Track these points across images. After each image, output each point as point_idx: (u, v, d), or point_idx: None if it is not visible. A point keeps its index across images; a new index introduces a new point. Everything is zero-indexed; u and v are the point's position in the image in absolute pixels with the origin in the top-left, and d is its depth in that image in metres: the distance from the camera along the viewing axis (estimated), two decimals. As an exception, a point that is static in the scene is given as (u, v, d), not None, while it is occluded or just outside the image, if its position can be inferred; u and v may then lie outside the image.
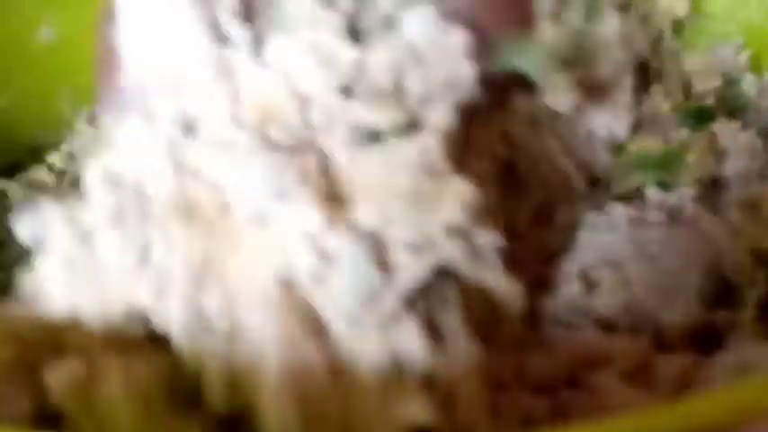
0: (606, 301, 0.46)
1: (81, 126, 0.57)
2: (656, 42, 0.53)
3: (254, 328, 0.35)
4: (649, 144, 0.49)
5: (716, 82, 0.52)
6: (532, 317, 0.44)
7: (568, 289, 0.46)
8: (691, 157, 0.49)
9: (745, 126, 0.51)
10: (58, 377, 0.37)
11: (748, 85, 0.52)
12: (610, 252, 0.46)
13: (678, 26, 0.54)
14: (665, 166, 0.49)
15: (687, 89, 0.52)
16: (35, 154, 0.56)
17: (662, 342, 0.45)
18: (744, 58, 0.52)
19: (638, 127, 0.50)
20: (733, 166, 0.49)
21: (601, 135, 0.49)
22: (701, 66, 0.52)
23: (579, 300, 0.46)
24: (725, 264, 0.46)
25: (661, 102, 0.50)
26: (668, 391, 0.42)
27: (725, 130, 0.50)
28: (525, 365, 0.44)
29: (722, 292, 0.46)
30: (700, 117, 0.50)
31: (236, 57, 0.37)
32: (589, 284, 0.46)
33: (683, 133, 0.50)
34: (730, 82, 0.52)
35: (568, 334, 0.45)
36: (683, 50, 0.53)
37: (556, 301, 0.46)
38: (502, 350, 0.43)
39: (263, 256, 0.35)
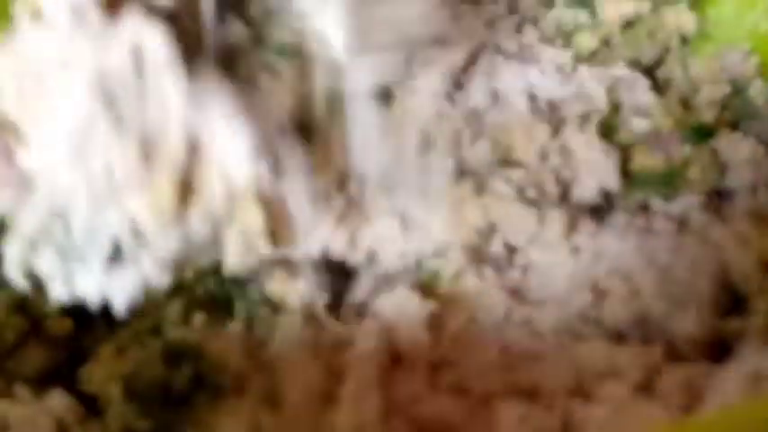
0: (616, 312, 0.46)
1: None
2: (664, 54, 0.53)
3: None
4: (652, 161, 0.49)
5: (724, 89, 0.52)
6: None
7: (578, 299, 0.46)
8: (693, 173, 0.49)
9: (750, 135, 0.51)
10: None
11: (756, 92, 0.52)
12: (619, 262, 0.46)
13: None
14: (668, 183, 0.49)
15: (688, 100, 0.52)
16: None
17: (673, 352, 0.45)
18: (751, 64, 0.52)
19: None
20: (737, 179, 0.49)
21: None
22: (708, 73, 0.52)
23: (589, 310, 0.46)
24: (733, 273, 0.46)
25: (662, 118, 0.50)
26: (680, 402, 0.42)
27: (726, 143, 0.50)
28: (533, 376, 0.45)
29: (732, 300, 0.46)
30: (700, 134, 0.50)
31: None
32: (599, 294, 0.46)
33: (684, 149, 0.50)
34: (738, 89, 0.52)
35: (578, 344, 0.45)
36: (690, 57, 0.53)
37: (565, 312, 0.46)
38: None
39: None
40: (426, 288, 0.48)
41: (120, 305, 0.40)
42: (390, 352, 0.46)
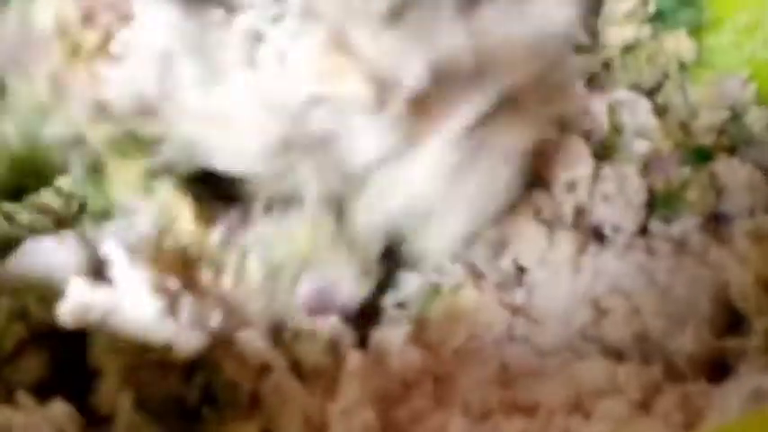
0: (617, 330, 0.46)
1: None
2: (663, 79, 0.54)
3: None
4: (651, 183, 0.50)
5: (722, 115, 0.53)
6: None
7: (579, 316, 0.46)
8: (691, 196, 0.50)
9: (748, 160, 0.51)
10: None
11: (754, 118, 0.53)
12: (620, 280, 0.47)
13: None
14: (667, 205, 0.49)
15: (687, 125, 0.53)
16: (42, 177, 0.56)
17: (672, 370, 0.45)
18: (749, 91, 0.53)
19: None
20: (734, 203, 0.50)
21: None
22: (707, 99, 0.53)
23: (589, 328, 0.46)
24: (732, 292, 0.46)
25: (662, 141, 0.51)
26: (679, 421, 0.42)
27: (725, 167, 0.51)
28: (532, 393, 0.45)
29: (731, 320, 0.46)
30: (699, 156, 0.51)
31: None
32: (599, 312, 0.46)
33: (684, 172, 0.50)
34: (736, 115, 0.53)
35: (578, 362, 0.45)
36: (689, 83, 0.54)
37: (566, 329, 0.46)
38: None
39: None
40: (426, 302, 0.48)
41: None
42: (389, 371, 0.46)
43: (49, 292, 0.44)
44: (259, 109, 0.42)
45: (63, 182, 0.55)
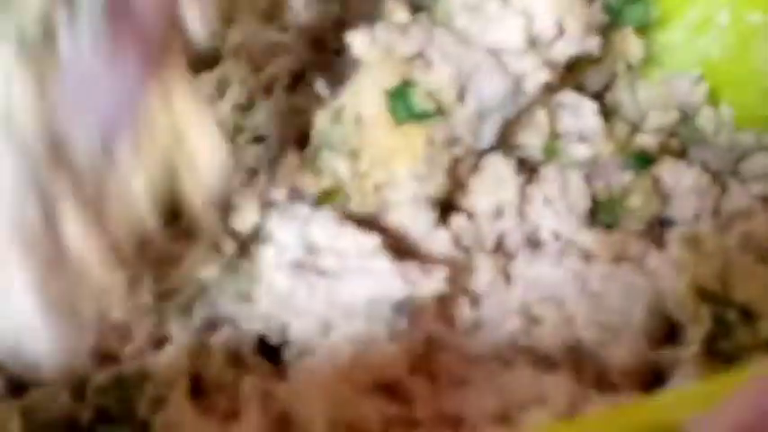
0: (548, 339, 0.44)
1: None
2: (611, 80, 0.52)
3: None
4: (593, 189, 0.48)
5: (672, 116, 0.51)
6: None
7: (510, 325, 0.45)
8: (634, 202, 0.48)
9: (696, 162, 0.49)
10: None
11: (706, 119, 0.51)
12: (552, 288, 0.45)
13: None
14: (608, 212, 0.48)
15: (636, 127, 0.51)
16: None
17: (605, 381, 0.43)
18: (701, 91, 0.51)
19: None
20: (679, 207, 0.48)
21: None
22: (657, 99, 0.51)
23: (520, 337, 0.45)
24: (668, 301, 0.44)
25: (604, 145, 0.49)
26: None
27: (670, 171, 0.49)
28: (459, 402, 0.43)
29: (666, 329, 0.44)
30: (641, 161, 0.49)
31: None
32: (531, 321, 0.45)
33: (626, 177, 0.49)
34: (686, 116, 0.51)
35: (506, 371, 0.44)
36: (639, 83, 0.52)
37: (496, 338, 0.45)
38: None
39: None
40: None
41: None
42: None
43: None
44: None
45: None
